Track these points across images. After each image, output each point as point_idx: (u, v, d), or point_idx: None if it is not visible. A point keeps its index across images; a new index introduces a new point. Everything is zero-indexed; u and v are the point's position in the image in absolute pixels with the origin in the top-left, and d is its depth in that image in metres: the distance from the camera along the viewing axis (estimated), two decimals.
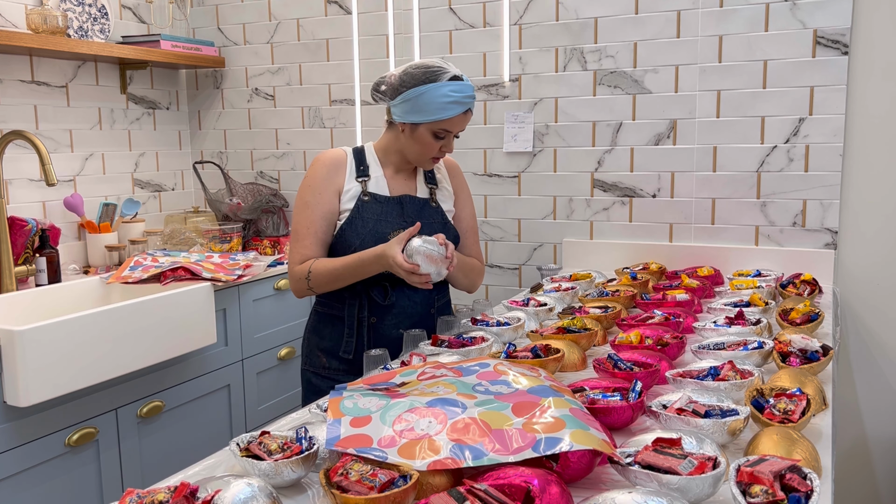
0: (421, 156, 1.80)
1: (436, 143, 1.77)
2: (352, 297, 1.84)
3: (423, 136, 1.76)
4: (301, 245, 1.80)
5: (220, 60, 3.14)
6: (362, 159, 1.86)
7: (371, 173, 1.84)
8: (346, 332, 1.85)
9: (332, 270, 1.75)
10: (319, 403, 1.27)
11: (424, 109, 1.72)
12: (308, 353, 1.94)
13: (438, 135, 1.75)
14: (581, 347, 1.57)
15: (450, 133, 1.77)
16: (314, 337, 1.93)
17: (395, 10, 2.82)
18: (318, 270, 1.77)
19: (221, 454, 1.17)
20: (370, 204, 1.81)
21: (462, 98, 1.73)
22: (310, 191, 1.81)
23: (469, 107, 1.75)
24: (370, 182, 1.84)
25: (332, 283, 1.77)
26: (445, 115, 1.72)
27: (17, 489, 1.90)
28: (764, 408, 1.15)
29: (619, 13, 2.50)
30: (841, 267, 2.34)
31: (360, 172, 1.84)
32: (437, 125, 1.74)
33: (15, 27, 2.54)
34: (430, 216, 1.86)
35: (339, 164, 1.83)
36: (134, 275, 2.44)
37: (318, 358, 1.90)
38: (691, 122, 2.45)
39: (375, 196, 1.82)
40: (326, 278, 1.76)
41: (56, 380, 1.88)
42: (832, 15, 2.24)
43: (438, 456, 0.99)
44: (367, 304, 1.84)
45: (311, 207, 1.80)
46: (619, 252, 2.59)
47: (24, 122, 2.60)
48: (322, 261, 1.78)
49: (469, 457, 0.99)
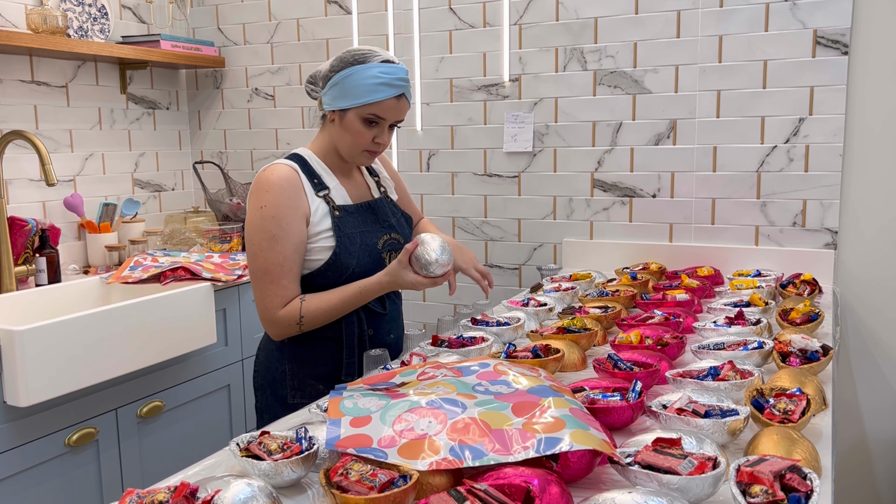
0: (352, 147, 1.64)
1: (367, 131, 1.61)
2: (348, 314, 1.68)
3: (353, 123, 1.60)
4: (278, 286, 1.59)
5: (220, 60, 3.14)
6: (311, 171, 1.67)
7: (328, 184, 1.67)
8: (345, 353, 1.69)
9: (329, 309, 1.60)
10: (319, 403, 1.27)
11: (351, 92, 1.58)
12: (297, 385, 1.71)
13: (369, 120, 1.60)
14: (581, 347, 1.57)
15: (383, 120, 1.61)
16: (301, 367, 1.71)
17: (395, 10, 2.82)
18: (311, 311, 1.60)
19: (221, 454, 1.17)
20: (345, 217, 1.66)
21: (392, 80, 1.58)
22: (274, 222, 1.57)
23: (401, 91, 1.60)
24: (332, 194, 1.67)
25: (328, 320, 1.63)
26: (373, 97, 1.57)
27: (17, 489, 1.90)
28: (764, 408, 1.15)
29: (619, 13, 2.50)
30: (841, 267, 2.34)
31: (316, 187, 1.65)
32: (365, 109, 1.58)
33: (15, 27, 2.54)
34: (395, 214, 1.79)
35: (296, 184, 1.62)
36: (134, 275, 2.44)
37: (314, 386, 1.70)
38: (691, 122, 2.45)
39: (345, 208, 1.67)
40: (323, 317, 1.61)
41: (56, 380, 1.88)
42: (832, 15, 2.24)
43: (438, 456, 0.99)
44: (364, 317, 1.71)
45: (281, 241, 1.57)
46: (619, 252, 2.59)
47: (24, 122, 2.60)
48: (313, 299, 1.60)
49: (469, 457, 0.99)
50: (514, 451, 0.99)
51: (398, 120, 1.65)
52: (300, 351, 1.70)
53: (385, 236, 1.72)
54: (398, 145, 2.89)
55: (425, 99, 2.82)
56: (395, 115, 1.62)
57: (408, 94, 1.63)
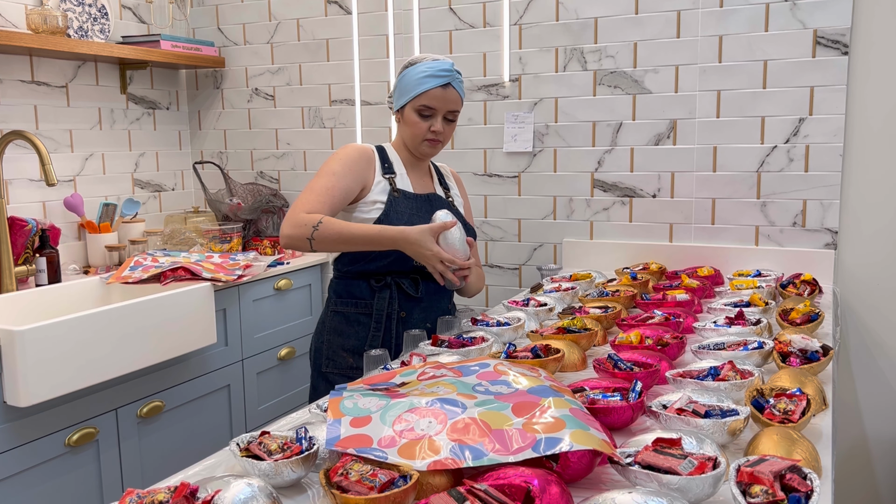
0: (413, 138, 1.85)
1: (422, 122, 1.82)
2: (381, 290, 1.86)
3: (410, 116, 1.83)
4: (315, 198, 1.77)
5: (220, 60, 3.14)
6: (385, 157, 1.91)
7: (396, 170, 1.89)
8: (372, 326, 1.86)
9: (344, 231, 1.73)
10: (319, 403, 1.27)
11: (405, 90, 1.81)
12: (330, 355, 1.92)
13: (422, 112, 1.81)
14: (581, 347, 1.57)
15: (434, 111, 1.81)
16: (336, 338, 1.91)
17: (395, 10, 2.82)
18: (329, 225, 1.73)
19: (221, 454, 1.17)
20: (401, 200, 1.85)
21: (436, 71, 1.78)
22: (340, 163, 1.81)
23: (447, 80, 1.79)
24: (397, 179, 1.88)
25: (339, 243, 1.75)
26: (421, 88, 1.78)
27: (17, 489, 1.90)
28: (764, 408, 1.15)
29: (619, 13, 2.50)
30: (841, 267, 2.34)
31: (385, 169, 1.88)
32: (417, 102, 1.80)
33: (15, 27, 2.54)
34: (455, 214, 1.90)
35: (369, 158, 1.87)
36: (134, 275, 2.44)
37: (345, 359, 1.89)
38: (691, 122, 2.45)
39: (405, 193, 1.87)
40: (336, 236, 1.73)
41: (56, 380, 1.88)
42: (832, 15, 2.24)
43: (438, 456, 0.99)
44: (397, 296, 1.86)
45: (338, 177, 1.79)
46: (619, 252, 2.59)
47: (24, 122, 2.60)
48: (335, 220, 1.75)
49: (469, 457, 0.99)
50: (514, 452, 0.99)
51: (450, 109, 1.83)
52: (337, 324, 1.91)
53: None
54: None
55: None
56: (444, 104, 1.81)
57: (455, 84, 1.81)
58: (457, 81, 1.82)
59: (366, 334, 1.87)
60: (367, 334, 1.87)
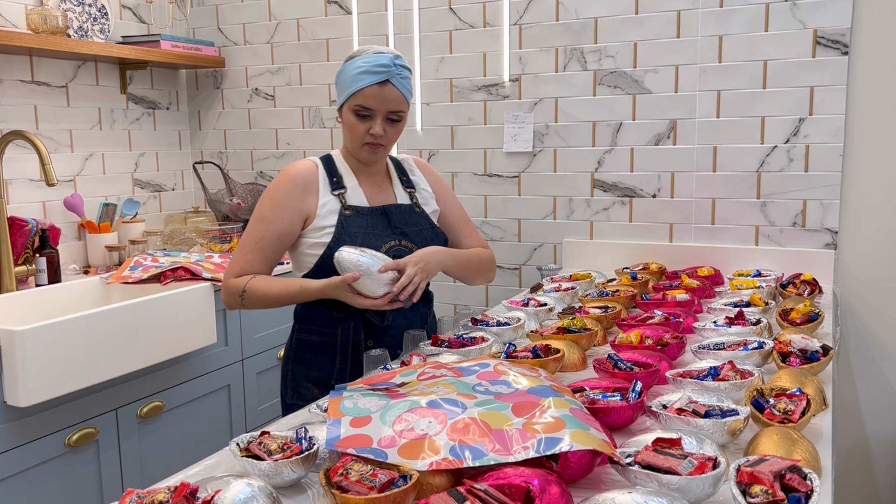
0: (352, 142, 1.66)
1: (359, 123, 1.62)
2: (344, 320, 1.69)
3: (347, 117, 1.64)
4: (244, 258, 1.65)
5: (220, 60, 3.14)
6: (333, 170, 1.71)
7: (346, 184, 1.70)
8: (338, 358, 1.70)
9: (270, 294, 1.61)
10: (319, 404, 1.27)
11: (342, 87, 1.63)
12: (294, 386, 1.77)
13: (359, 113, 1.61)
14: (581, 347, 1.57)
15: (371, 111, 1.61)
16: (299, 368, 1.76)
17: (395, 10, 2.82)
18: (254, 290, 1.62)
19: (221, 454, 1.17)
20: (353, 218, 1.67)
21: (373, 67, 1.58)
22: (270, 205, 1.65)
23: (384, 77, 1.58)
24: (348, 194, 1.69)
25: (268, 305, 1.64)
26: (356, 86, 1.58)
27: (17, 489, 1.90)
28: (764, 408, 1.15)
29: (619, 13, 2.50)
30: (841, 267, 2.34)
31: (334, 185, 1.69)
32: (352, 101, 1.60)
33: (15, 27, 2.54)
34: (417, 223, 1.75)
35: (308, 181, 1.67)
36: (134, 275, 2.44)
37: (309, 390, 1.74)
38: (691, 122, 2.45)
39: (357, 209, 1.68)
40: (263, 300, 1.62)
41: (56, 380, 1.88)
42: (832, 15, 2.24)
43: (438, 456, 0.99)
44: (361, 326, 1.70)
45: (268, 223, 1.64)
46: (619, 252, 2.59)
47: (24, 122, 2.59)
48: (260, 280, 1.63)
49: (469, 457, 0.99)
50: (514, 452, 0.99)
51: (390, 110, 1.62)
52: (302, 353, 1.75)
53: (392, 241, 1.68)
54: (398, 145, 2.89)
55: (425, 99, 2.82)
56: (381, 104, 1.60)
57: (396, 81, 1.60)
58: (398, 78, 1.60)
59: (331, 365, 1.71)
60: (333, 366, 1.70)
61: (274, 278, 1.64)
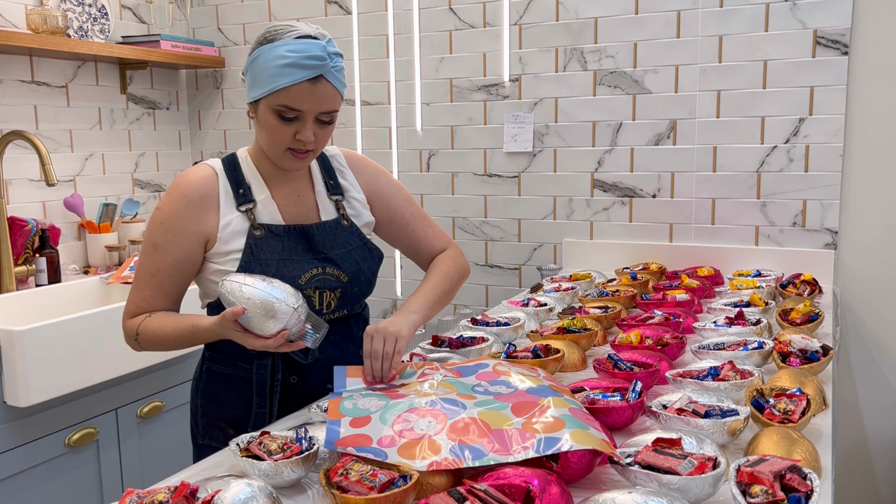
0: (272, 147, 1.33)
1: (282, 126, 1.29)
2: (260, 357, 1.39)
3: (265, 117, 1.30)
4: (139, 295, 1.37)
5: (220, 60, 3.14)
6: (239, 178, 1.38)
7: (255, 196, 1.38)
8: (255, 400, 1.40)
9: (163, 337, 1.33)
10: (319, 404, 1.27)
11: (258, 79, 1.29)
12: (206, 425, 1.48)
13: (282, 114, 1.29)
14: (581, 347, 1.57)
15: (300, 112, 1.29)
16: (210, 405, 1.47)
17: (395, 10, 2.82)
18: (147, 332, 1.34)
19: (221, 454, 1.17)
20: (266, 240, 1.36)
21: (301, 59, 1.25)
22: (161, 230, 1.34)
23: (315, 72, 1.26)
24: (258, 209, 1.37)
25: (166, 348, 1.36)
26: (280, 82, 1.26)
27: (17, 489, 1.90)
28: (764, 408, 1.15)
29: (619, 13, 2.50)
30: (841, 267, 2.34)
31: (240, 199, 1.37)
32: (274, 99, 1.27)
33: (15, 27, 2.54)
34: (345, 243, 1.43)
35: (205, 196, 1.35)
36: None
37: (223, 430, 1.45)
38: (691, 122, 2.45)
39: (270, 228, 1.37)
40: (158, 343, 1.35)
41: (56, 380, 1.88)
42: (832, 15, 2.24)
43: (438, 456, 0.99)
44: (280, 363, 1.40)
45: (161, 251, 1.34)
46: (619, 252, 2.59)
47: (24, 122, 2.60)
48: (154, 320, 1.34)
49: (469, 457, 0.99)
50: (513, 452, 0.99)
51: (323, 111, 1.30)
52: (212, 387, 1.47)
53: (314, 270, 1.37)
54: (398, 145, 2.89)
55: (425, 99, 2.82)
56: (313, 105, 1.29)
57: (330, 75, 1.29)
58: (333, 72, 1.29)
59: (247, 405, 1.41)
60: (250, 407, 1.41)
61: (168, 316, 1.35)
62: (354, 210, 1.48)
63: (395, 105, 2.87)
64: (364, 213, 1.49)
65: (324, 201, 1.45)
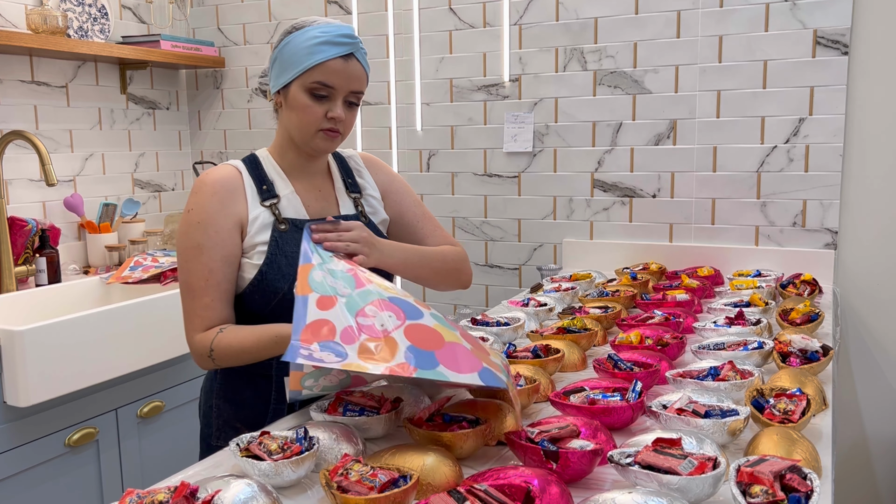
0: (304, 129, 1.36)
1: (315, 105, 1.34)
2: None
3: (298, 98, 1.34)
4: (199, 305, 1.33)
5: (220, 60, 3.14)
6: (261, 175, 1.41)
7: (279, 192, 1.41)
8: (273, 396, 1.40)
9: (242, 349, 1.31)
10: (320, 404, 1.26)
11: (290, 62, 1.34)
12: (220, 427, 1.46)
13: (315, 92, 1.33)
14: (581, 347, 1.57)
15: (332, 89, 1.34)
16: (226, 406, 1.45)
17: (395, 10, 2.82)
18: (223, 347, 1.31)
19: (221, 454, 1.17)
20: (290, 234, 1.37)
21: (333, 37, 1.32)
22: (200, 229, 1.33)
23: (349, 50, 1.33)
24: (282, 204, 1.40)
25: (243, 361, 1.33)
26: (314, 58, 1.31)
27: (17, 489, 1.90)
28: (764, 408, 1.15)
29: (619, 13, 2.50)
30: (841, 267, 2.34)
31: (264, 194, 1.39)
32: (308, 77, 1.32)
33: (15, 27, 2.54)
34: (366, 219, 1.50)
35: (233, 189, 1.37)
36: (134, 275, 2.44)
37: (239, 431, 1.41)
38: (691, 122, 2.45)
39: (294, 222, 1.39)
40: (235, 357, 1.32)
41: (56, 380, 1.88)
42: (832, 15, 2.24)
43: (394, 361, 1.03)
44: None
45: (207, 251, 1.32)
46: (619, 252, 2.59)
47: (24, 122, 2.60)
48: (229, 333, 1.32)
49: (421, 364, 1.04)
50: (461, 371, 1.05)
51: (353, 90, 1.36)
52: (230, 387, 1.45)
53: None
54: (398, 145, 2.89)
55: (425, 99, 2.82)
56: (345, 82, 1.34)
57: (360, 56, 1.36)
58: (361, 53, 1.36)
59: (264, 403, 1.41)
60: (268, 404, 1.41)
61: (241, 329, 1.32)
62: (372, 207, 1.53)
63: (395, 105, 2.87)
64: (380, 210, 1.55)
65: (343, 198, 1.50)
